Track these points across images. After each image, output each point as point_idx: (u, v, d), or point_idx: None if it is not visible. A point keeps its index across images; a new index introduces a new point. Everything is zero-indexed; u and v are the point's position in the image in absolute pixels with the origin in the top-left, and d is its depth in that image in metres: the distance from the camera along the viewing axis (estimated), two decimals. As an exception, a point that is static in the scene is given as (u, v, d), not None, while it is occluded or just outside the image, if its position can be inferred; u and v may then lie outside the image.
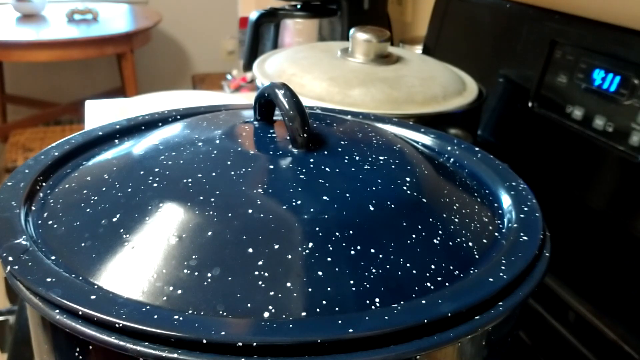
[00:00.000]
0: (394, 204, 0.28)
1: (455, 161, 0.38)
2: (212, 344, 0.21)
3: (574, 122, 0.57)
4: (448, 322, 0.23)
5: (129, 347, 0.21)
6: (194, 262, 0.24)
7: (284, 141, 0.32)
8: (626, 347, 0.47)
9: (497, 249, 0.28)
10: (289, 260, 0.24)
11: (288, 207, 0.26)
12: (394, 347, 0.21)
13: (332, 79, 0.56)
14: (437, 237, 0.27)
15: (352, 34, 0.60)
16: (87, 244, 0.26)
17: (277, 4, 0.96)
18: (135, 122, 0.39)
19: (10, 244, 0.26)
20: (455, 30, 0.80)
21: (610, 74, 0.54)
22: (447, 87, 0.57)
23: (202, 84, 2.44)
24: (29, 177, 0.32)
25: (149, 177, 0.29)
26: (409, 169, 0.31)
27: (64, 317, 0.22)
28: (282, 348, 0.21)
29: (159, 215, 0.26)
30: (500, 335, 0.27)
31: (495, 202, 0.33)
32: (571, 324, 0.52)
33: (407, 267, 0.25)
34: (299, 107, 0.30)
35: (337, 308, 0.23)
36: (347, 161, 0.31)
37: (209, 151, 0.31)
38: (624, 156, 0.51)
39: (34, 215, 0.29)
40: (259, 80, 0.58)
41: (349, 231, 0.26)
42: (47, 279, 0.23)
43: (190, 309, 0.23)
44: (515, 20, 0.67)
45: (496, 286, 0.25)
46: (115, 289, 0.24)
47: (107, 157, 0.34)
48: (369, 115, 0.43)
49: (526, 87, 0.64)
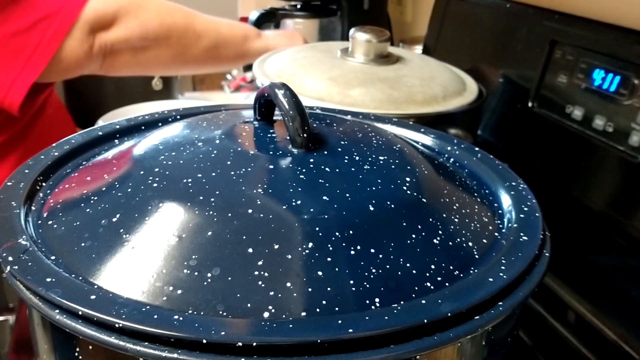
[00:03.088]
0: (394, 204, 0.28)
1: (455, 161, 0.38)
2: (212, 344, 0.21)
3: (574, 122, 0.57)
4: (448, 322, 0.23)
5: (129, 347, 0.21)
6: (194, 262, 0.24)
7: (284, 141, 0.32)
8: (626, 347, 0.47)
9: (497, 249, 0.28)
10: (289, 260, 0.24)
11: (288, 207, 0.26)
12: (394, 347, 0.21)
13: (332, 79, 0.56)
14: (437, 237, 0.27)
15: (352, 34, 0.60)
16: (87, 244, 0.26)
17: (277, 4, 0.96)
18: (135, 122, 0.39)
19: (10, 244, 0.26)
20: (455, 30, 0.80)
21: (610, 74, 0.54)
22: (447, 87, 0.57)
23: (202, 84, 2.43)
24: (29, 177, 0.32)
25: (149, 177, 0.29)
26: (409, 169, 0.31)
27: (64, 317, 0.22)
28: (282, 348, 0.21)
29: (159, 215, 0.26)
30: (500, 335, 0.27)
31: (495, 202, 0.33)
32: (571, 324, 0.52)
33: (407, 267, 0.25)
34: (299, 107, 0.30)
35: (337, 308, 0.23)
36: (347, 161, 0.31)
37: (209, 151, 0.31)
38: (624, 156, 0.51)
39: (34, 215, 0.29)
40: (259, 80, 0.58)
41: (349, 231, 0.26)
42: (47, 279, 0.23)
43: (190, 309, 0.23)
44: (515, 20, 0.67)
45: (496, 286, 0.25)
46: (115, 289, 0.24)
47: (107, 157, 0.34)
48: (369, 115, 0.43)
49: (526, 87, 0.64)
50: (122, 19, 0.68)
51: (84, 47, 0.66)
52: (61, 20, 0.63)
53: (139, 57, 0.72)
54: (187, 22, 0.73)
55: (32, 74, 0.62)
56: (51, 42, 0.63)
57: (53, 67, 0.64)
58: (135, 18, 0.69)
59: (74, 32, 0.64)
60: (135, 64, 0.74)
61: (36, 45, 0.62)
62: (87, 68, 0.69)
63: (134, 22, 0.68)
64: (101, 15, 0.66)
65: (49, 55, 0.63)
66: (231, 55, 0.77)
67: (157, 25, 0.70)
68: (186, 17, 0.73)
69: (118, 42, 0.68)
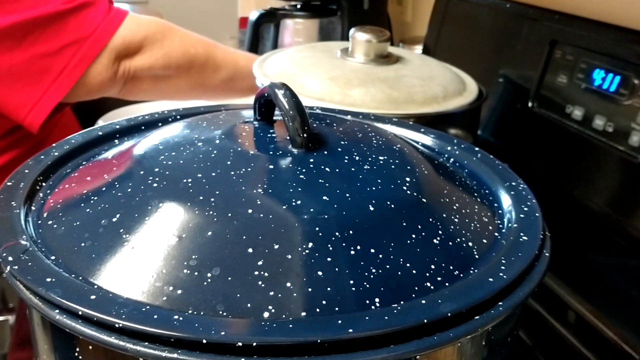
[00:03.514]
0: (394, 204, 0.28)
1: (455, 161, 0.38)
2: (212, 344, 0.21)
3: (573, 122, 0.57)
4: (448, 322, 0.23)
5: (128, 347, 0.21)
6: (193, 262, 0.24)
7: (284, 141, 0.32)
8: (626, 347, 0.47)
9: (497, 249, 0.28)
10: (289, 260, 0.24)
11: (288, 207, 0.26)
12: (394, 347, 0.21)
13: (332, 79, 0.56)
14: (437, 237, 0.27)
15: (352, 34, 0.60)
16: (87, 244, 0.26)
17: (277, 4, 0.96)
18: (135, 122, 0.39)
19: (10, 244, 0.26)
20: (455, 30, 0.80)
21: (610, 74, 0.54)
22: (447, 87, 0.57)
23: (202, 84, 2.43)
24: (29, 177, 0.32)
25: (149, 177, 0.29)
26: (408, 169, 0.31)
27: (64, 317, 0.22)
28: (282, 348, 0.21)
29: (159, 215, 0.26)
30: (500, 335, 0.27)
31: (495, 202, 0.33)
32: (571, 324, 0.52)
33: (407, 267, 0.25)
34: (299, 107, 0.30)
35: (337, 308, 0.23)
36: (347, 161, 0.31)
37: (209, 151, 0.31)
38: (624, 156, 0.51)
39: (34, 215, 0.29)
40: (259, 80, 0.58)
41: (349, 231, 0.26)
42: (47, 279, 0.23)
43: (190, 309, 0.23)
44: (515, 20, 0.67)
45: (496, 286, 0.25)
46: (115, 289, 0.24)
47: (107, 157, 0.34)
48: (369, 115, 0.43)
49: (526, 87, 0.64)
50: (147, 48, 0.68)
51: (108, 72, 0.66)
52: (90, 46, 0.64)
53: (159, 85, 0.73)
54: (209, 53, 0.74)
55: (56, 97, 0.63)
56: (77, 66, 0.63)
57: (76, 90, 0.64)
58: (160, 48, 0.69)
59: (101, 58, 0.65)
60: (154, 91, 0.75)
61: (62, 68, 0.63)
62: (108, 92, 0.69)
63: (159, 51, 0.69)
64: (128, 42, 0.67)
65: (74, 79, 0.63)
66: (246, 87, 0.78)
67: (181, 55, 0.71)
68: (207, 48, 0.74)
69: (141, 70, 0.69)
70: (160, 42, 0.69)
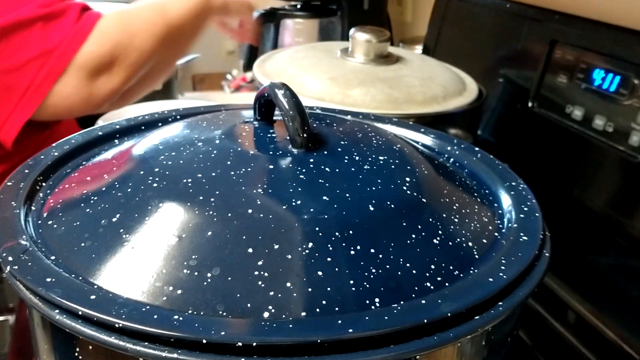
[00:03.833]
0: (394, 204, 0.28)
1: (455, 161, 0.38)
2: (212, 344, 0.21)
3: (574, 122, 0.57)
4: (448, 322, 0.23)
5: (128, 347, 0.21)
6: (193, 262, 0.24)
7: (284, 141, 0.32)
8: (626, 347, 0.47)
9: (497, 249, 0.28)
10: (289, 260, 0.24)
11: (288, 207, 0.26)
12: (394, 347, 0.21)
13: (332, 79, 0.56)
14: (437, 237, 0.27)
15: (352, 34, 0.60)
16: (87, 244, 0.26)
17: (277, 4, 0.96)
18: (135, 122, 0.39)
19: (10, 244, 0.26)
20: (455, 30, 0.80)
21: (610, 74, 0.54)
22: (447, 87, 0.57)
23: (202, 84, 2.44)
24: (29, 177, 0.32)
25: (149, 177, 0.29)
26: (409, 169, 0.31)
27: (64, 317, 0.22)
28: (282, 348, 0.21)
29: (159, 215, 0.26)
30: (500, 335, 0.27)
31: (495, 202, 0.33)
32: (571, 324, 0.52)
33: (407, 267, 0.25)
34: (299, 107, 0.30)
35: (337, 308, 0.23)
36: (347, 161, 0.31)
37: (209, 151, 0.31)
38: (624, 156, 0.51)
39: (34, 215, 0.29)
40: (259, 81, 0.58)
41: (349, 231, 0.26)
42: (47, 279, 0.23)
43: (190, 309, 0.23)
44: (515, 20, 0.67)
45: (496, 286, 0.25)
46: (115, 289, 0.24)
47: (107, 157, 0.34)
48: (369, 115, 0.43)
49: (526, 87, 0.64)
50: (120, 57, 0.64)
51: (81, 94, 0.62)
52: (54, 62, 0.60)
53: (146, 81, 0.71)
54: (165, 20, 0.69)
55: (25, 114, 0.60)
56: (43, 83, 0.60)
57: (48, 109, 0.61)
58: (133, 50, 0.65)
59: (66, 78, 0.61)
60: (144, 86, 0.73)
61: (28, 85, 0.60)
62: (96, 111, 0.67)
63: (133, 54, 0.65)
64: (96, 57, 0.62)
65: (41, 97, 0.60)
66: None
67: (152, 42, 0.67)
68: (158, 15, 0.69)
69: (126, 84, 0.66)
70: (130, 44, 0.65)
